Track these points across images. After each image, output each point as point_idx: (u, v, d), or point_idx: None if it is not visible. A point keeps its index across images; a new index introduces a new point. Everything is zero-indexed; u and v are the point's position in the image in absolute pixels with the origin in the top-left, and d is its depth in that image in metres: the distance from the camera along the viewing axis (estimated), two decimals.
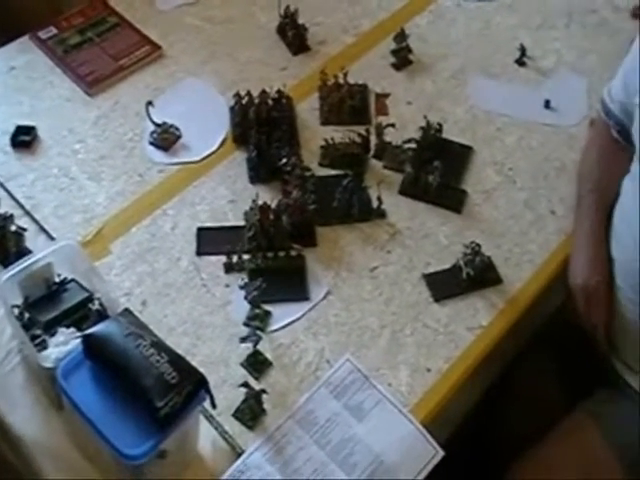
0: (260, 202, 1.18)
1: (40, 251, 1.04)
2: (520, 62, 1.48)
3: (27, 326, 1.00)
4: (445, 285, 1.15)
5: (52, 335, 0.99)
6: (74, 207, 1.24)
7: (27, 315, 1.02)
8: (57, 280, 1.06)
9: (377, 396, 1.04)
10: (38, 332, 0.99)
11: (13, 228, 1.15)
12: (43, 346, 0.98)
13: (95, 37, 1.48)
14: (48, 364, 0.93)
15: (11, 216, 1.15)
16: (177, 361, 0.90)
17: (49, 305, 1.03)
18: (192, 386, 0.89)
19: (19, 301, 1.03)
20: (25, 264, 1.02)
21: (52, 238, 1.19)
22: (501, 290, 1.16)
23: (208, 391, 0.91)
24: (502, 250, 1.21)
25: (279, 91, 1.34)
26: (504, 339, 1.13)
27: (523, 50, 1.47)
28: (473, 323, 1.13)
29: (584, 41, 1.53)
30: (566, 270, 1.17)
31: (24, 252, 1.13)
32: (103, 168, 1.29)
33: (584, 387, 1.19)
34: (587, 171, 1.25)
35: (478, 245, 1.15)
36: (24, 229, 1.16)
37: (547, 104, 1.41)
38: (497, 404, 1.25)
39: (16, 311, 1.02)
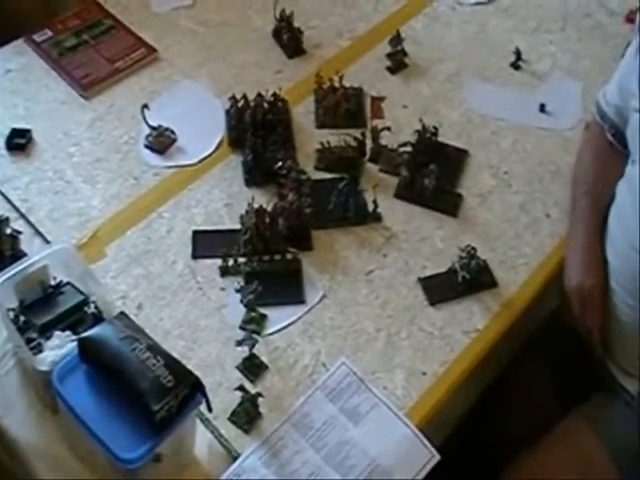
0: (256, 205, 1.18)
1: (35, 254, 1.04)
2: (515, 66, 1.49)
3: (22, 329, 1.00)
4: (441, 289, 1.16)
5: (47, 338, 0.99)
6: (69, 210, 1.23)
7: (22, 318, 1.01)
8: (53, 283, 1.06)
9: (373, 400, 1.04)
10: (33, 335, 0.99)
11: (8, 231, 1.14)
12: (38, 349, 0.97)
13: (90, 40, 1.48)
14: (43, 367, 0.93)
15: (6, 219, 1.14)
16: (173, 364, 0.90)
17: (44, 308, 1.03)
18: (188, 389, 0.89)
19: (14, 304, 1.02)
20: (20, 267, 1.01)
21: (47, 241, 1.18)
22: (496, 293, 1.16)
23: (204, 394, 0.91)
24: (497, 253, 1.21)
25: (275, 94, 1.34)
26: (499, 342, 1.13)
27: (518, 54, 1.48)
28: (469, 327, 1.13)
29: (579, 45, 1.54)
30: (561, 273, 1.18)
31: (19, 255, 1.13)
32: (98, 171, 1.29)
33: (579, 391, 1.19)
34: (582, 174, 1.25)
35: (474, 249, 1.15)
36: (19, 232, 1.16)
37: (542, 108, 1.41)
38: (492, 407, 1.25)
39: (11, 314, 1.01)
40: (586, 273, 1.15)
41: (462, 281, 1.15)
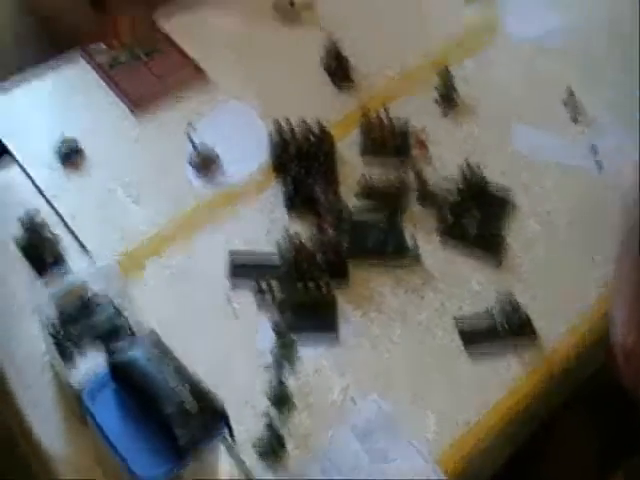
0: (295, 239, 1.17)
1: (76, 264, 1.05)
2: (567, 108, 1.46)
3: (59, 342, 1.00)
4: (478, 335, 1.13)
5: (82, 352, 0.99)
6: (113, 225, 1.24)
7: (59, 331, 1.02)
8: (90, 296, 1.06)
9: (402, 442, 1.02)
10: (69, 349, 1.00)
11: (49, 236, 1.16)
12: (73, 363, 0.98)
13: (143, 56, 1.50)
14: (76, 382, 0.94)
15: (45, 224, 1.16)
16: (198, 390, 0.89)
17: (81, 322, 1.03)
18: (212, 417, 0.88)
19: (53, 317, 1.03)
20: (64, 284, 1.03)
21: (88, 252, 1.19)
22: (536, 344, 1.13)
23: (227, 424, 0.90)
24: (538, 301, 1.18)
25: (320, 124, 1.33)
26: (537, 396, 1.10)
27: (571, 96, 1.45)
28: (505, 377, 1.10)
29: (635, 89, 1.51)
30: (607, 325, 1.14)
31: (59, 262, 1.15)
32: (143, 188, 1.29)
33: (624, 450, 1.15)
34: (630, 225, 1.22)
35: (513, 296, 1.13)
36: (59, 238, 1.17)
37: (592, 149, 1.39)
38: (529, 464, 1.21)
39: (50, 327, 1.02)
40: (631, 326, 1.11)
41: (501, 329, 1.13)
